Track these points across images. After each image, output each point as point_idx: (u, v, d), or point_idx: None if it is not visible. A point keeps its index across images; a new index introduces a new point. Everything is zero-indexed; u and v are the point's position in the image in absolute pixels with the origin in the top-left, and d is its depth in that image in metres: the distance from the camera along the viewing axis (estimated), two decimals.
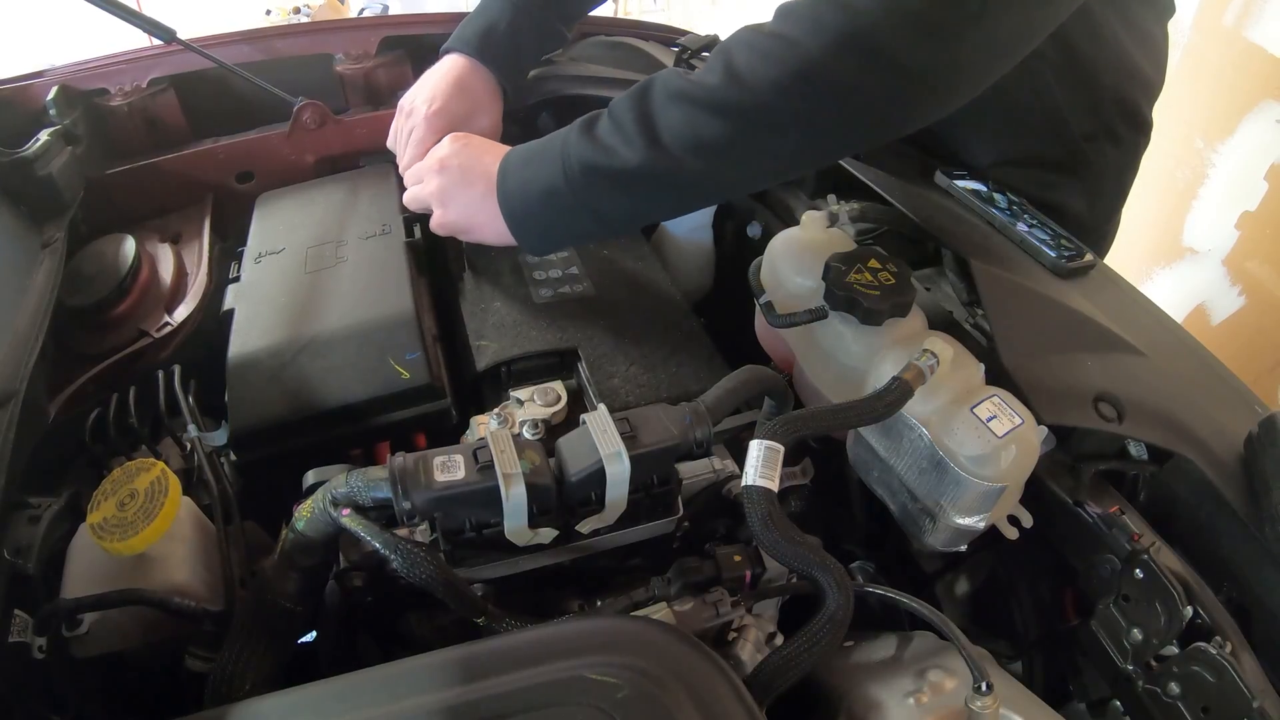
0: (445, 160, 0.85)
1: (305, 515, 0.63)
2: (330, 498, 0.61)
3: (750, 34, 0.68)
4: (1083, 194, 1.10)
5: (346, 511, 0.60)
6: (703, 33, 1.19)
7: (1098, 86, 1.03)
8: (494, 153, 0.84)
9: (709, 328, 0.93)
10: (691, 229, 1.16)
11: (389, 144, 1.03)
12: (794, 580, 0.71)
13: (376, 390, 0.78)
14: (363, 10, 4.30)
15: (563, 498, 0.64)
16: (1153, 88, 1.11)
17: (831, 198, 0.95)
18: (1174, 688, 0.62)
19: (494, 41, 1.00)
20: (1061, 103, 1.01)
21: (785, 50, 0.64)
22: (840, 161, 0.96)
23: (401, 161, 1.00)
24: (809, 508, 0.80)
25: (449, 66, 0.99)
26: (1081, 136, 1.06)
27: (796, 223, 0.85)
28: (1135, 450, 0.75)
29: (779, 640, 0.70)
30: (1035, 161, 1.06)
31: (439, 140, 0.97)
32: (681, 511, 0.70)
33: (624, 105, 0.73)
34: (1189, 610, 0.63)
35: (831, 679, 0.65)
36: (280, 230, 1.01)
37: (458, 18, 1.09)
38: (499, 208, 0.80)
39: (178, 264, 1.00)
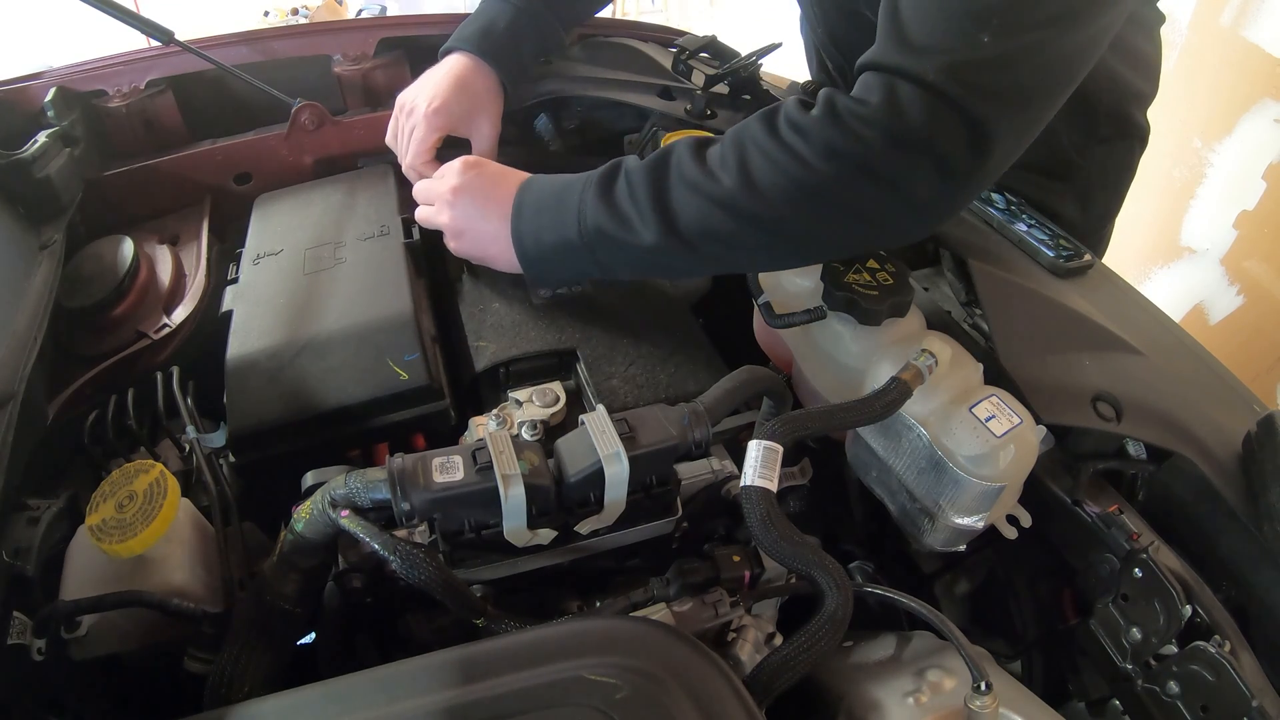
0: (459, 190, 0.84)
1: (304, 517, 0.63)
2: (329, 499, 0.61)
3: (764, 135, 0.70)
4: (1075, 199, 1.10)
5: (345, 513, 0.60)
6: (700, 33, 1.19)
7: (1089, 105, 1.04)
8: (507, 182, 0.83)
9: (708, 328, 0.93)
10: None
11: (388, 140, 1.03)
12: (793, 580, 0.71)
13: (375, 391, 0.78)
14: (360, 11, 4.30)
15: (561, 499, 0.64)
16: (1146, 97, 1.11)
17: None
18: (1173, 686, 0.63)
19: (494, 39, 1.00)
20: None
21: (798, 169, 0.67)
22: None
23: (403, 161, 1.00)
24: (808, 508, 0.80)
25: (450, 65, 0.99)
26: (1073, 146, 1.06)
27: None
28: (1134, 449, 0.75)
29: (778, 640, 0.70)
30: (1027, 166, 1.06)
31: (439, 138, 0.97)
32: (680, 512, 0.70)
33: (641, 177, 0.74)
34: (1188, 609, 0.63)
35: (831, 679, 0.65)
36: (278, 231, 1.01)
37: (456, 19, 1.09)
38: (511, 243, 0.81)
39: (176, 265, 1.00)
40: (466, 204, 0.84)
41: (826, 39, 1.21)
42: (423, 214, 0.90)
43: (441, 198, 0.86)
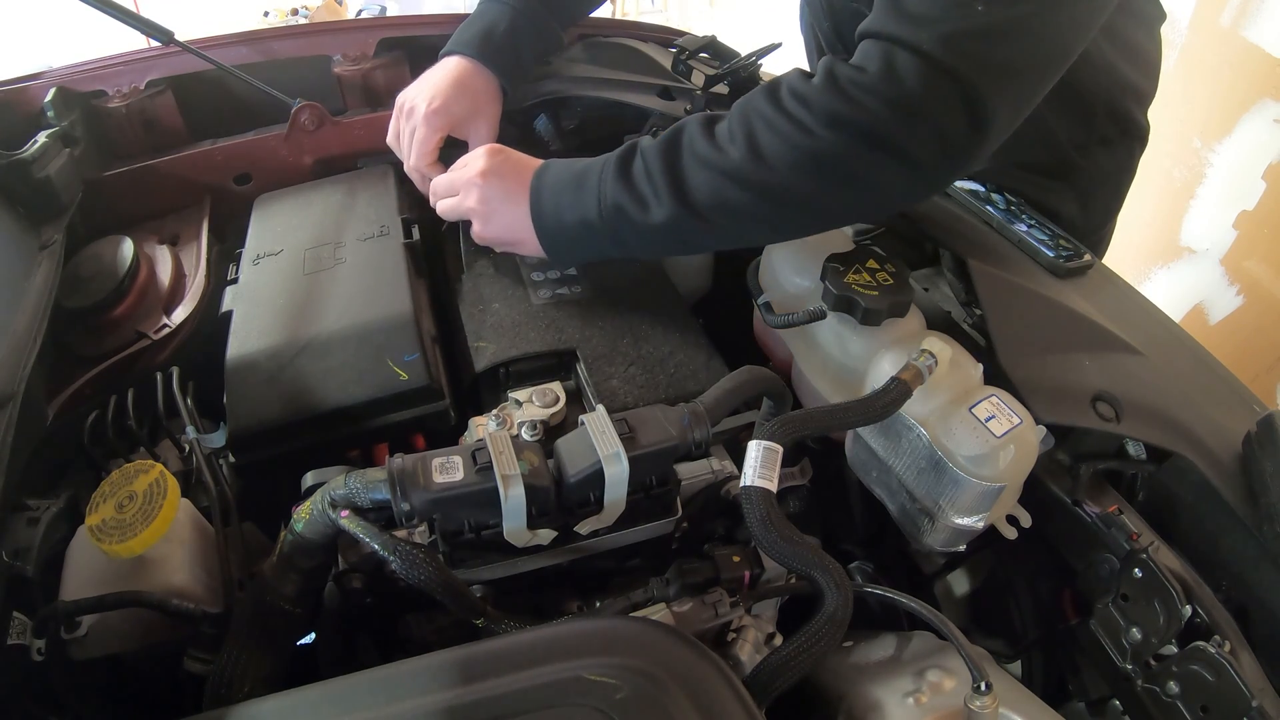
0: (487, 173, 0.86)
1: (304, 517, 0.62)
2: (329, 499, 0.61)
3: (769, 108, 0.71)
4: (1075, 199, 1.10)
5: (345, 513, 0.60)
6: (700, 33, 1.19)
7: (1088, 102, 1.04)
8: (530, 168, 0.86)
9: (708, 328, 0.93)
10: None
11: (388, 141, 1.03)
12: (793, 580, 0.71)
13: (375, 392, 0.78)
14: (360, 11, 4.30)
15: (561, 499, 0.64)
16: (1145, 95, 1.11)
17: None
18: (1173, 687, 0.63)
19: (494, 43, 1.00)
20: (1049, 116, 1.02)
21: (802, 138, 0.69)
22: None
23: (407, 162, 1.00)
24: (808, 508, 0.80)
25: (450, 67, 0.99)
26: (1072, 146, 1.06)
27: None
28: (1134, 450, 0.75)
29: (778, 641, 0.70)
30: (1027, 166, 1.06)
31: (441, 139, 0.98)
32: (680, 512, 0.70)
33: (656, 156, 0.76)
34: (1188, 609, 0.63)
35: (831, 679, 0.65)
36: (278, 232, 1.01)
37: (456, 19, 1.09)
38: (533, 226, 0.83)
39: (176, 266, 1.00)
40: (495, 186, 0.86)
41: (833, 36, 1.21)
42: (448, 204, 0.91)
43: (470, 183, 0.87)
